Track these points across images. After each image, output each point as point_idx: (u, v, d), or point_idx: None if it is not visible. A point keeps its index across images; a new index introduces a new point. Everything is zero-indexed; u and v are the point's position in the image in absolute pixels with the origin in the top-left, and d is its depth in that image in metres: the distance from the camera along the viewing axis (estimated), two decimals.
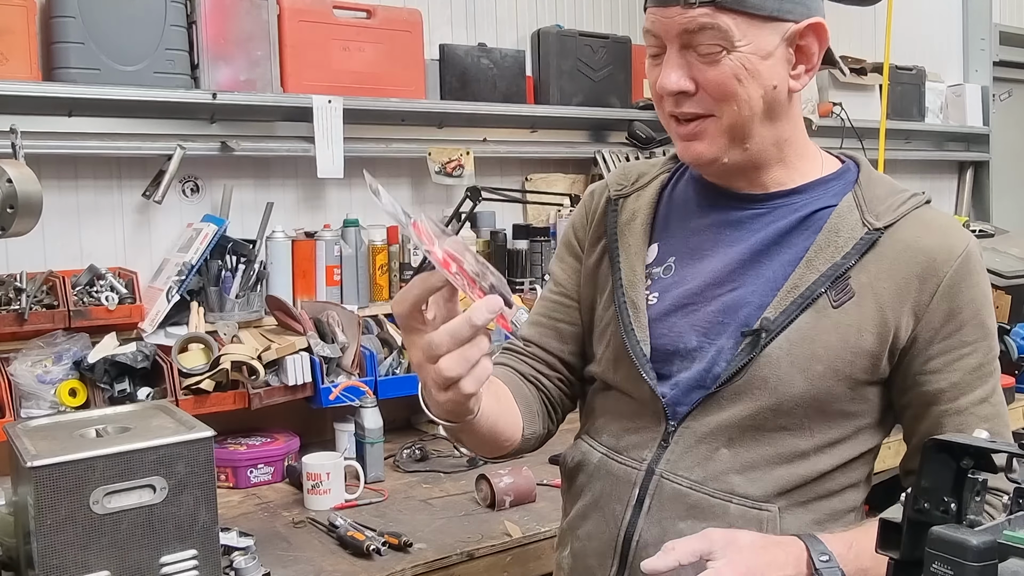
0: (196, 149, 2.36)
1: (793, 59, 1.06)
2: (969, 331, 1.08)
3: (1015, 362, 3.01)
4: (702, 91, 1.06)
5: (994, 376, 1.10)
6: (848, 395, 1.08)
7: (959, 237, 1.09)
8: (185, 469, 1.43)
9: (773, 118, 1.08)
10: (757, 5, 1.01)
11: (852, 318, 1.06)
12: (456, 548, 1.78)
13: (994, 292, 3.52)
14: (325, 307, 2.46)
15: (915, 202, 1.11)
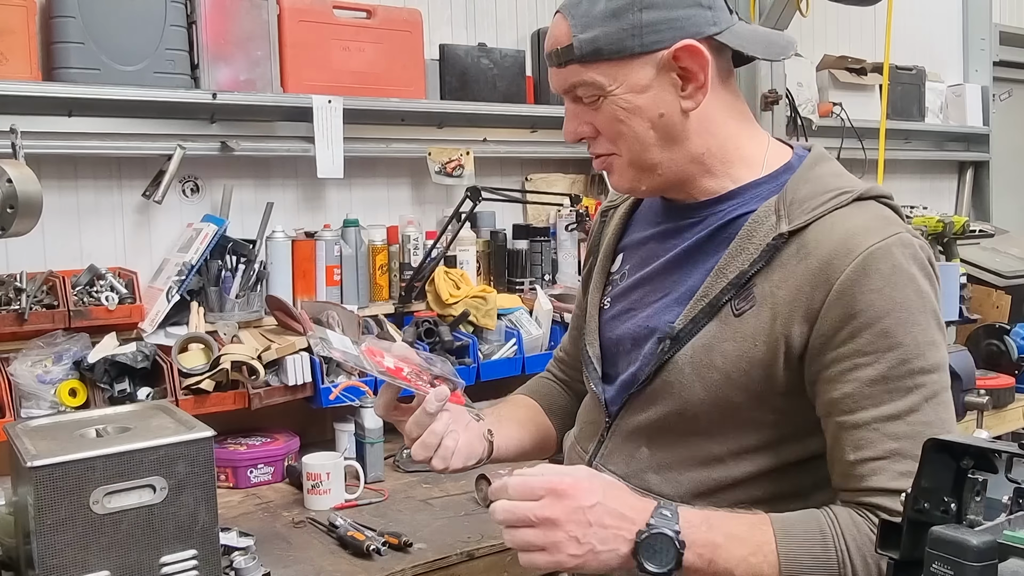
0: (196, 149, 2.36)
1: (679, 82, 1.06)
2: (867, 339, 0.99)
3: (1015, 362, 3.01)
4: (600, 133, 1.12)
5: (916, 393, 1.00)
6: (751, 404, 1.06)
7: (865, 237, 1.01)
8: (185, 469, 1.43)
9: (673, 142, 1.09)
10: (616, 50, 1.04)
11: (749, 327, 1.05)
12: (456, 548, 1.78)
13: (994, 292, 3.52)
14: (325, 307, 2.46)
15: (836, 202, 1.05)
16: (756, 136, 1.15)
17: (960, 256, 3.50)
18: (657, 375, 1.11)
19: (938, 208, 4.43)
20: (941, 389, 1.02)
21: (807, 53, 3.78)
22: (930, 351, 1.02)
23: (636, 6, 1.03)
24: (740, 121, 1.13)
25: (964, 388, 2.63)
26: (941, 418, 1.01)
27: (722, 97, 1.10)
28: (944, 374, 1.04)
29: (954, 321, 2.85)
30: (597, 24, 1.04)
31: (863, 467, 0.99)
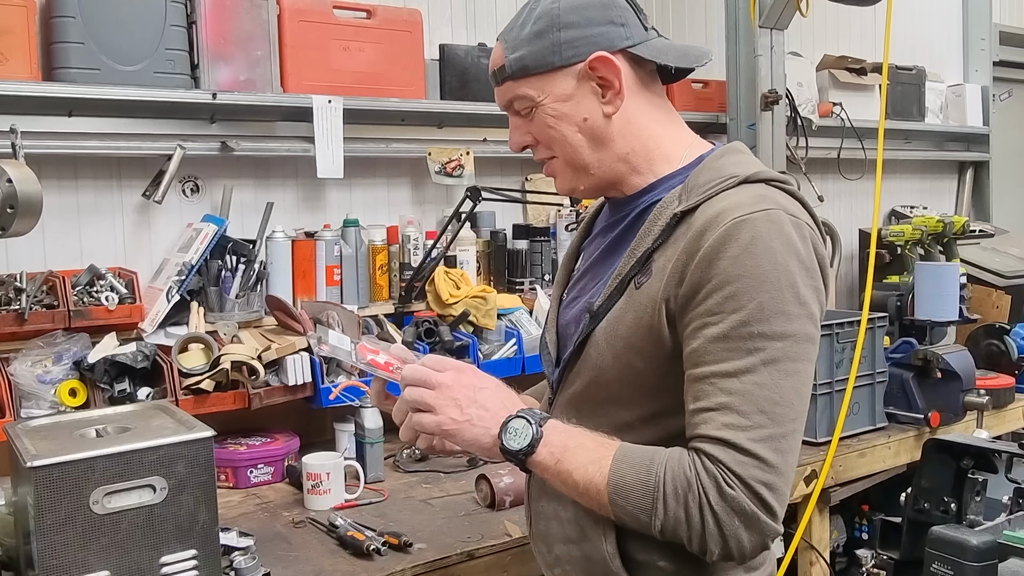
0: (196, 149, 2.36)
1: (598, 90, 1.20)
2: (716, 301, 1.08)
3: (1015, 362, 3.01)
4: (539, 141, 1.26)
5: (754, 355, 1.06)
6: (651, 369, 1.16)
7: (734, 212, 1.09)
8: (185, 469, 1.43)
9: (601, 143, 1.23)
10: (540, 65, 1.20)
11: (645, 296, 1.16)
12: (456, 548, 1.78)
13: (994, 292, 3.52)
14: (325, 307, 2.46)
15: (725, 184, 1.14)
16: (678, 136, 1.27)
17: (960, 256, 3.50)
18: (582, 350, 1.23)
19: (938, 208, 4.44)
20: (785, 357, 1.07)
21: (807, 53, 3.78)
22: (776, 319, 1.07)
23: (555, 27, 1.19)
24: (662, 123, 1.25)
25: (964, 388, 2.63)
26: (777, 383, 1.06)
27: (642, 102, 1.23)
28: (794, 344, 1.08)
29: (954, 321, 2.85)
30: (524, 45, 1.20)
31: (697, 416, 1.09)
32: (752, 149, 3.39)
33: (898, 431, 2.59)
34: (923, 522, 1.77)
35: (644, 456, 1.11)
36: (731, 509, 1.04)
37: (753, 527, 1.05)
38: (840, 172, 3.80)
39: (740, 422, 1.05)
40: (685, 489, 1.06)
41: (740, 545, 1.06)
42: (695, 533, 1.06)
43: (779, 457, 1.05)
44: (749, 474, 1.04)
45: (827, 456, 2.36)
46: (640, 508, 1.08)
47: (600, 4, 1.21)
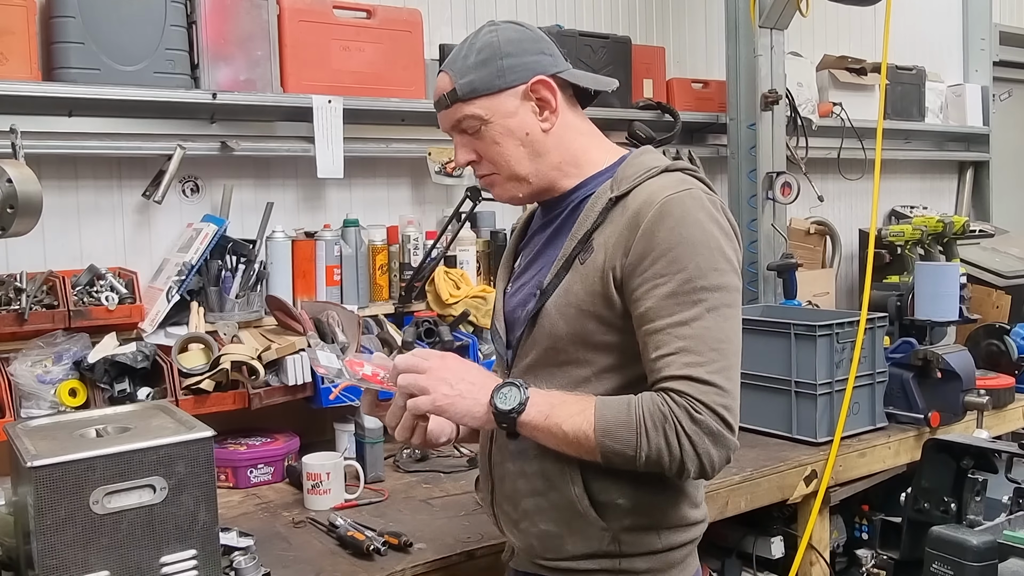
0: (196, 149, 2.36)
1: (537, 109, 1.41)
2: (662, 265, 1.29)
3: (1015, 362, 3.01)
4: (482, 158, 1.45)
5: (699, 306, 1.27)
6: (602, 329, 1.35)
7: (664, 192, 1.32)
8: (185, 469, 1.43)
9: (538, 155, 1.43)
10: (487, 87, 1.39)
11: (590, 268, 1.35)
12: (456, 548, 1.78)
13: (994, 292, 3.52)
14: (325, 307, 2.46)
15: (650, 173, 1.36)
16: (601, 146, 1.48)
17: (960, 256, 3.50)
18: (535, 324, 1.41)
19: (938, 208, 4.44)
20: (722, 304, 1.29)
21: (807, 53, 3.78)
22: (712, 274, 1.29)
23: (498, 56, 1.39)
24: (587, 135, 1.47)
25: (964, 388, 2.63)
26: (720, 325, 1.28)
27: (571, 119, 1.45)
28: (727, 294, 1.30)
29: (954, 321, 2.85)
30: (471, 71, 1.39)
31: (660, 362, 1.28)
32: (752, 149, 3.42)
33: (898, 431, 2.59)
34: (923, 522, 1.77)
35: (621, 402, 1.29)
36: (701, 431, 1.24)
37: (720, 443, 1.25)
38: (840, 172, 3.80)
39: (698, 360, 1.25)
40: (662, 421, 1.24)
41: (711, 460, 1.25)
42: (674, 457, 1.25)
43: (731, 384, 1.27)
44: (712, 400, 1.24)
45: (829, 456, 2.36)
46: (627, 444, 1.26)
47: (531, 39, 1.42)
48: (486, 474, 1.53)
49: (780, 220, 3.31)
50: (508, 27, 1.43)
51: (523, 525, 1.45)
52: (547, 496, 1.41)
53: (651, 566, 1.40)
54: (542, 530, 1.42)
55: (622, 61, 3.18)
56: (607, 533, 1.38)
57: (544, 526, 1.42)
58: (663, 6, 3.57)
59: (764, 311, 2.88)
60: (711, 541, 2.57)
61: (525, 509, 1.43)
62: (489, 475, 1.51)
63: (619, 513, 1.38)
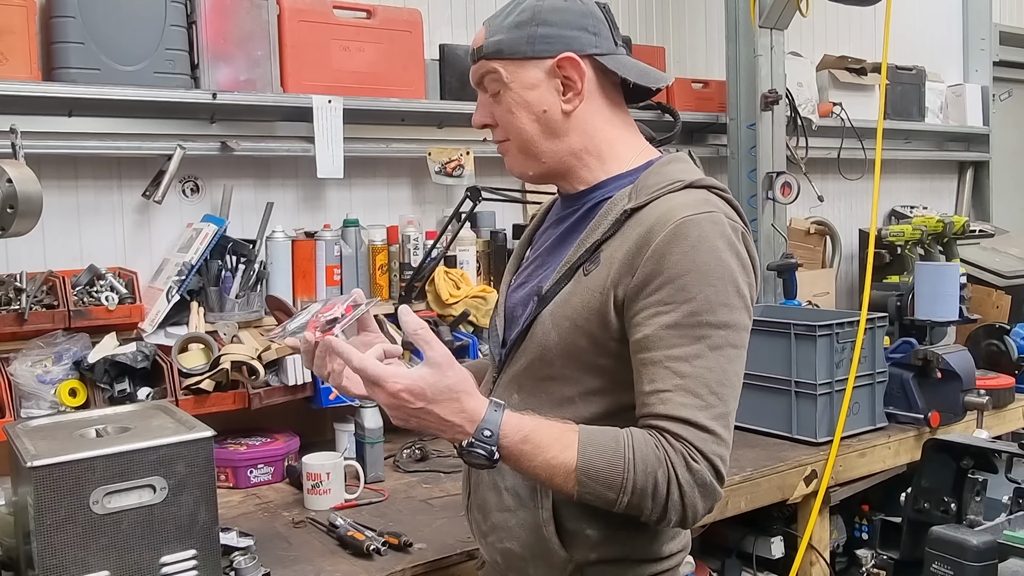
0: (196, 149, 2.36)
1: (561, 88, 1.30)
2: (668, 292, 1.18)
3: (1015, 362, 3.01)
4: (498, 123, 1.35)
5: (702, 342, 1.17)
6: (593, 349, 1.26)
7: (681, 212, 1.21)
8: (185, 469, 1.43)
9: (554, 135, 1.32)
10: (514, 51, 1.29)
11: (594, 283, 1.25)
12: (456, 548, 1.78)
13: (994, 292, 3.52)
14: None
15: (672, 187, 1.25)
16: (631, 142, 1.36)
17: (960, 256, 3.50)
18: (528, 330, 1.32)
19: (938, 208, 4.44)
20: (727, 344, 1.19)
21: (807, 53, 3.78)
22: (721, 310, 1.19)
23: (534, 22, 1.29)
24: (618, 128, 1.35)
25: (964, 388, 2.63)
26: (723, 368, 1.18)
27: (601, 107, 1.33)
28: (734, 333, 1.20)
29: (954, 321, 2.85)
30: (503, 31, 1.30)
31: (654, 397, 1.18)
32: (752, 149, 3.42)
33: (898, 431, 2.59)
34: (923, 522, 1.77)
35: (607, 437, 1.18)
36: (695, 482, 1.15)
37: (709, 495, 1.17)
38: (840, 172, 3.80)
39: (696, 402, 1.16)
40: (655, 467, 1.15)
41: (695, 512, 1.17)
42: (658, 505, 1.16)
43: (727, 432, 1.18)
44: (710, 449, 1.15)
45: (829, 456, 2.36)
46: (609, 486, 1.16)
47: (579, 11, 1.31)
48: (465, 477, 1.47)
49: (780, 220, 3.31)
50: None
51: (491, 539, 1.39)
52: (515, 514, 1.33)
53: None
54: (507, 548, 1.36)
55: None
56: (570, 564, 1.30)
57: (509, 544, 1.35)
58: (663, 6, 3.57)
59: (764, 311, 2.88)
60: (711, 541, 2.57)
61: (493, 523, 1.37)
62: (468, 478, 1.46)
63: (586, 545, 1.29)
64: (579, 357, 1.27)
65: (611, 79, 1.33)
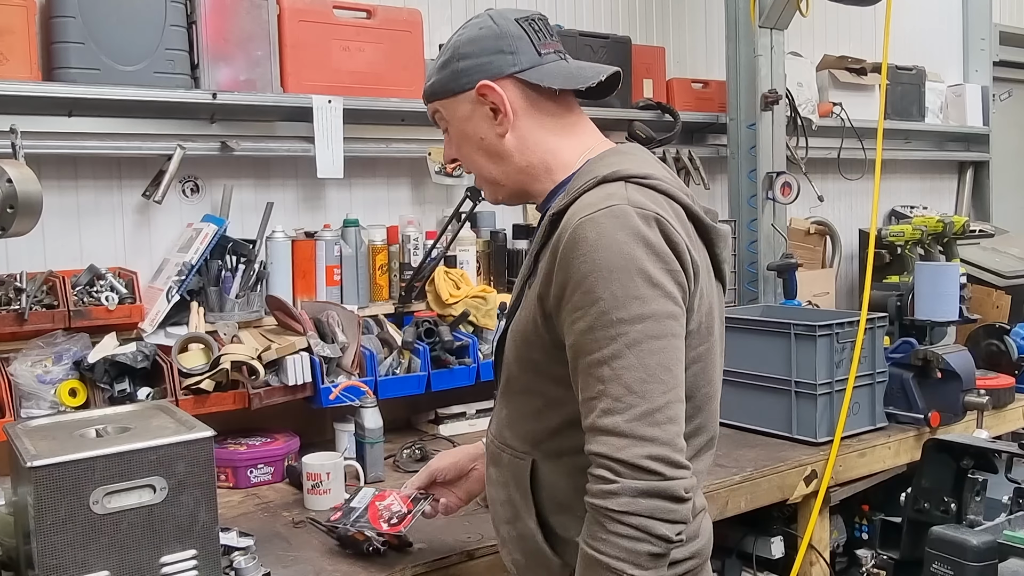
0: (196, 149, 2.36)
1: (491, 113, 1.35)
2: (578, 298, 1.18)
3: (1015, 362, 3.01)
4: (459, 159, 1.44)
5: (618, 342, 1.15)
6: (546, 359, 1.28)
7: (581, 213, 1.20)
8: (185, 469, 1.43)
9: (499, 159, 1.37)
10: (443, 91, 1.37)
11: (531, 295, 1.29)
12: (456, 548, 1.78)
13: (994, 292, 3.52)
14: (325, 307, 2.46)
15: (588, 185, 1.25)
16: (576, 146, 1.37)
17: (960, 256, 3.50)
18: (503, 349, 1.38)
19: (938, 208, 4.44)
20: (646, 337, 1.16)
21: (807, 53, 3.78)
22: (632, 304, 1.16)
23: (456, 58, 1.35)
24: (560, 135, 1.37)
25: (964, 388, 2.63)
26: (643, 363, 1.15)
27: (537, 120, 1.35)
28: (654, 323, 1.16)
29: (954, 321, 2.85)
30: (435, 73, 1.39)
31: (585, 406, 1.19)
32: (752, 149, 3.42)
33: (898, 431, 2.59)
34: (923, 522, 1.77)
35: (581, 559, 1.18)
36: (628, 498, 1.12)
37: (662, 494, 1.12)
38: (840, 172, 3.80)
39: (614, 406, 1.14)
40: (599, 528, 1.14)
41: (670, 513, 1.13)
42: (642, 538, 1.12)
43: (656, 430, 1.13)
44: (628, 454, 1.12)
45: (829, 456, 2.36)
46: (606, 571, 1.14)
47: (493, 35, 1.34)
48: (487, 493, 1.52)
49: (780, 220, 3.31)
50: (474, 24, 1.37)
51: (503, 551, 1.45)
52: (515, 525, 1.38)
53: None
54: (515, 558, 1.41)
55: (622, 61, 3.17)
56: (566, 569, 1.29)
57: (515, 555, 1.41)
58: (663, 6, 3.57)
59: (764, 311, 2.89)
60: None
61: (502, 536, 1.43)
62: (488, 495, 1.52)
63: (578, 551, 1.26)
64: (536, 369, 1.31)
65: (540, 91, 1.34)
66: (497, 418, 1.44)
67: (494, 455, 1.43)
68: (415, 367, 2.49)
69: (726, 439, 2.51)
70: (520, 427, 1.37)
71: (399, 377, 2.46)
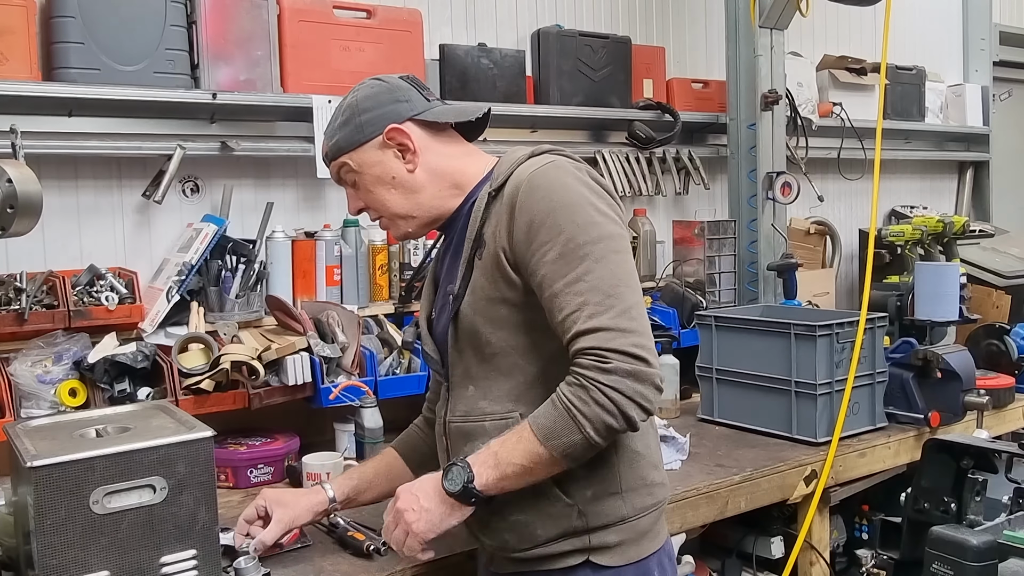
0: (196, 149, 2.36)
1: (399, 153, 1.53)
2: (544, 234, 1.38)
3: (1015, 362, 3.01)
4: (368, 205, 1.60)
5: (587, 260, 1.35)
6: (513, 311, 1.44)
7: (529, 169, 1.43)
8: (185, 469, 1.43)
9: (411, 192, 1.55)
10: (350, 144, 1.54)
11: (487, 260, 1.45)
12: (456, 548, 1.78)
13: (994, 292, 3.52)
14: (325, 307, 2.46)
15: (521, 158, 1.47)
16: (477, 162, 1.57)
17: (960, 256, 3.50)
18: (457, 330, 1.50)
19: (938, 208, 4.44)
20: (609, 252, 1.37)
21: (807, 53, 3.78)
22: (591, 228, 1.37)
23: (357, 113, 1.54)
24: (462, 159, 1.57)
25: (964, 388, 2.63)
26: (612, 272, 1.36)
27: (441, 151, 1.56)
28: (611, 241, 1.38)
29: (954, 321, 2.85)
30: (337, 132, 1.56)
31: (567, 322, 1.36)
32: (752, 149, 3.42)
33: (898, 431, 2.59)
34: (923, 522, 1.77)
35: (547, 405, 1.37)
36: (619, 376, 1.31)
37: (642, 379, 1.32)
38: (840, 172, 3.80)
39: (597, 310, 1.33)
40: (581, 392, 1.32)
41: (645, 397, 1.32)
42: (614, 413, 1.31)
43: (634, 323, 1.34)
44: (618, 343, 1.31)
45: (828, 456, 2.36)
46: (572, 432, 1.33)
47: (387, 89, 1.57)
48: None
49: (780, 220, 3.31)
50: (367, 85, 1.58)
51: (493, 523, 1.50)
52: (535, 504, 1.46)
53: (622, 538, 1.46)
54: (512, 521, 1.47)
55: (622, 61, 3.18)
56: (573, 508, 1.44)
57: (513, 517, 1.47)
58: (663, 6, 3.57)
59: (764, 311, 2.88)
60: (711, 541, 2.57)
61: (492, 507, 1.46)
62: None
63: (581, 483, 1.44)
64: (504, 323, 1.45)
65: (437, 127, 1.56)
66: (460, 400, 1.54)
67: (468, 432, 1.52)
68: (415, 367, 2.49)
69: (726, 439, 2.51)
70: (497, 391, 1.49)
71: (399, 377, 2.46)
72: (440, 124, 1.56)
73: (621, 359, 1.31)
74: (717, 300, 3.22)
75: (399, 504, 1.47)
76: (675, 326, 2.99)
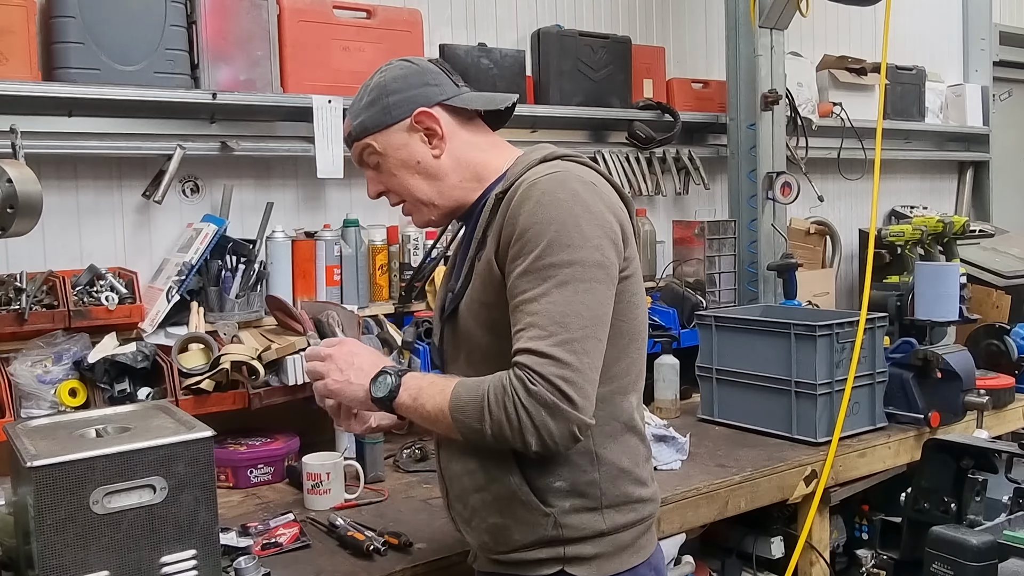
0: (196, 149, 2.36)
1: (425, 138, 1.50)
2: (519, 246, 1.35)
3: (1015, 362, 3.01)
4: (389, 189, 1.55)
5: (548, 282, 1.32)
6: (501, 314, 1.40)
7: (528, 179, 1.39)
8: (185, 469, 1.43)
9: (435, 178, 1.51)
10: (376, 125, 1.50)
11: (484, 264, 1.44)
12: (456, 548, 1.78)
13: (994, 292, 3.52)
14: (325, 307, 2.46)
15: (532, 163, 1.44)
16: (500, 155, 1.54)
17: (960, 256, 3.50)
18: (454, 328, 1.50)
19: (938, 208, 4.44)
20: (573, 280, 1.32)
21: (807, 53, 3.78)
22: (563, 251, 1.33)
23: (385, 94, 1.51)
24: (485, 150, 1.54)
25: (964, 388, 2.63)
26: (568, 300, 1.32)
27: (465, 139, 1.52)
28: (581, 268, 1.33)
29: (954, 321, 2.85)
30: (363, 112, 1.52)
31: (515, 336, 1.34)
32: (752, 149, 3.42)
33: (898, 431, 2.59)
34: (923, 522, 1.77)
35: (477, 381, 1.36)
36: (536, 403, 1.27)
37: (557, 416, 1.28)
38: (840, 172, 3.80)
39: (540, 333, 1.30)
40: (502, 394, 1.30)
41: (550, 434, 1.28)
42: (514, 429, 1.29)
43: (574, 357, 1.29)
44: (548, 371, 1.28)
45: (828, 456, 2.36)
46: (473, 418, 1.32)
47: (417, 72, 1.52)
48: (440, 477, 1.59)
49: (780, 220, 3.31)
50: (395, 66, 1.54)
51: (474, 522, 1.49)
52: (489, 489, 1.45)
53: (599, 550, 1.42)
54: (490, 523, 1.46)
55: (622, 61, 3.17)
56: (549, 518, 1.41)
57: (492, 519, 1.46)
58: (663, 6, 3.57)
59: (764, 311, 2.88)
60: (711, 541, 2.57)
61: (473, 506, 1.48)
62: (442, 477, 1.57)
63: (560, 495, 1.42)
64: (494, 327, 1.42)
65: (465, 115, 1.53)
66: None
67: None
68: (415, 367, 2.49)
69: (726, 439, 2.52)
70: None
71: None
72: (468, 112, 1.53)
73: (545, 387, 1.27)
74: (717, 300, 3.22)
75: (335, 354, 1.48)
76: (675, 326, 2.99)
